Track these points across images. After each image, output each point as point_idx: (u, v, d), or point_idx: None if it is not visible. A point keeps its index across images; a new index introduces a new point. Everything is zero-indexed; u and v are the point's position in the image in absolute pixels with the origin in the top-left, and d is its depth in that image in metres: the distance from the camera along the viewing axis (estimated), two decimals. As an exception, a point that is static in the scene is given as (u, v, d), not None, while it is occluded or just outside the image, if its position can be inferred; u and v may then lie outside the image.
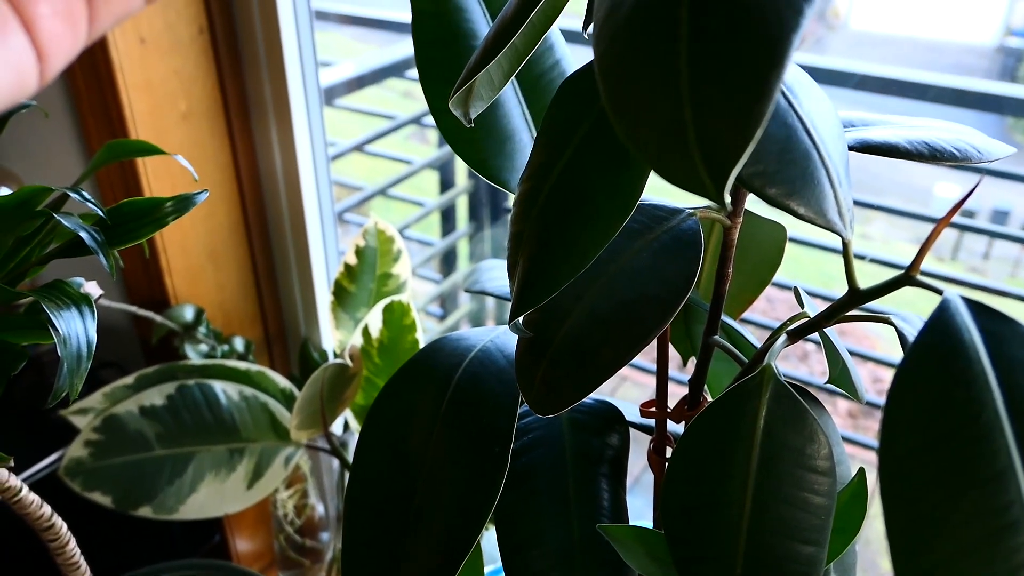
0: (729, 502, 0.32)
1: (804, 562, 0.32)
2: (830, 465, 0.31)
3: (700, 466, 0.32)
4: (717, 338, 0.41)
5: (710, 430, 0.32)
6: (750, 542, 0.32)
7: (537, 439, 0.44)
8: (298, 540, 0.99)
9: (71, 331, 0.33)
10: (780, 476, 0.31)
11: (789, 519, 0.31)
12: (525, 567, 0.41)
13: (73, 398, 0.34)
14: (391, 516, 0.42)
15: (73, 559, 0.51)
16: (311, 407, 0.70)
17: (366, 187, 1.42)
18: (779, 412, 0.31)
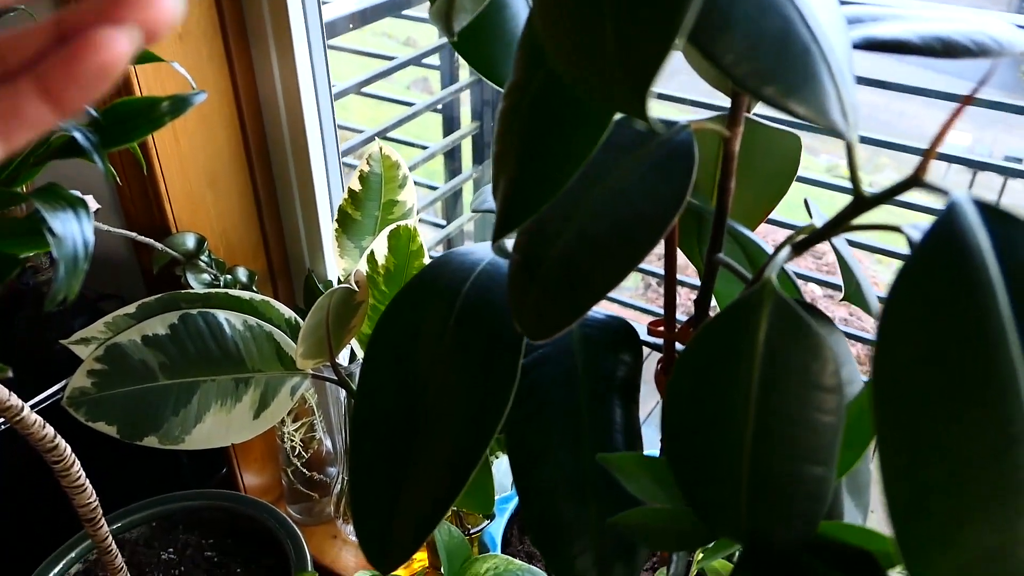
0: (731, 422, 0.33)
1: (812, 483, 0.33)
2: (837, 382, 0.31)
3: (700, 386, 0.33)
4: (721, 256, 0.41)
5: (709, 348, 0.32)
6: (755, 463, 0.33)
7: (547, 355, 0.45)
8: (306, 473, 1.01)
9: (67, 232, 0.34)
10: (784, 395, 0.31)
11: (795, 439, 0.32)
12: (535, 483, 0.42)
13: (71, 299, 0.34)
14: (399, 433, 0.43)
15: (78, 482, 0.53)
16: (316, 335, 0.71)
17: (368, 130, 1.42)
18: (781, 328, 0.31)
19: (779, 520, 0.34)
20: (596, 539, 0.42)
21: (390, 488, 0.43)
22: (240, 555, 0.78)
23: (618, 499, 0.43)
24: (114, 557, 0.60)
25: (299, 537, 0.75)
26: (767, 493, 0.33)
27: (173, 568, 0.77)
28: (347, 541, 1.02)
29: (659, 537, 0.40)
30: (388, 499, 0.43)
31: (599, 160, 0.36)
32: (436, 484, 0.42)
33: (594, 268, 0.33)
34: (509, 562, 0.66)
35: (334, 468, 1.04)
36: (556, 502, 0.42)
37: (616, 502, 0.43)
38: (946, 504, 0.23)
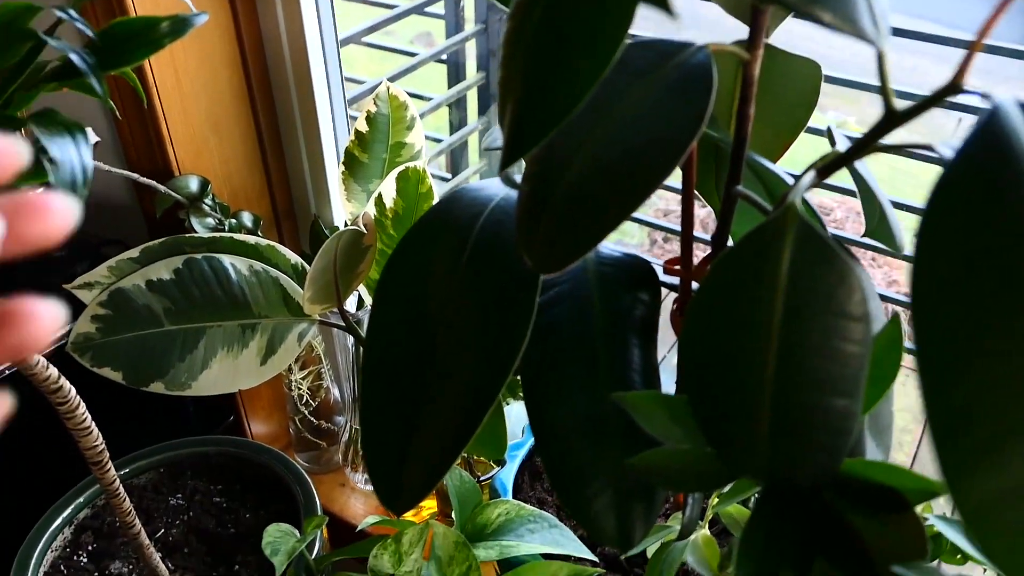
0: (752, 355, 0.32)
1: (836, 416, 0.32)
2: (864, 311, 0.30)
3: (719, 317, 0.32)
4: (740, 188, 0.40)
5: (729, 277, 0.31)
6: (777, 397, 0.32)
7: (563, 293, 0.44)
8: (313, 422, 1.01)
9: (65, 158, 0.33)
10: (808, 324, 0.31)
11: (819, 371, 0.31)
12: (552, 424, 0.42)
13: (71, 229, 0.34)
14: (411, 374, 0.42)
15: (84, 424, 0.53)
16: (324, 279, 0.70)
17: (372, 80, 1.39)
18: (805, 254, 0.30)
19: (802, 456, 0.33)
20: (614, 480, 0.42)
21: (402, 430, 0.42)
22: (249, 501, 0.78)
23: (637, 440, 0.42)
24: (122, 501, 0.60)
25: (308, 483, 0.75)
26: (790, 428, 0.32)
27: (182, 513, 0.77)
28: (355, 489, 1.03)
29: (677, 478, 0.39)
30: (400, 441, 0.42)
31: (611, 85, 0.35)
32: (450, 426, 0.41)
33: (608, 196, 0.32)
34: (520, 507, 0.66)
35: (342, 417, 1.04)
36: (573, 443, 0.42)
37: (635, 443, 0.42)
38: (988, 421, 0.22)
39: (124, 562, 0.73)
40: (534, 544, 0.63)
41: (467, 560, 0.58)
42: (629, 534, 0.42)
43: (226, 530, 0.76)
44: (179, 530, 0.76)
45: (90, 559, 0.73)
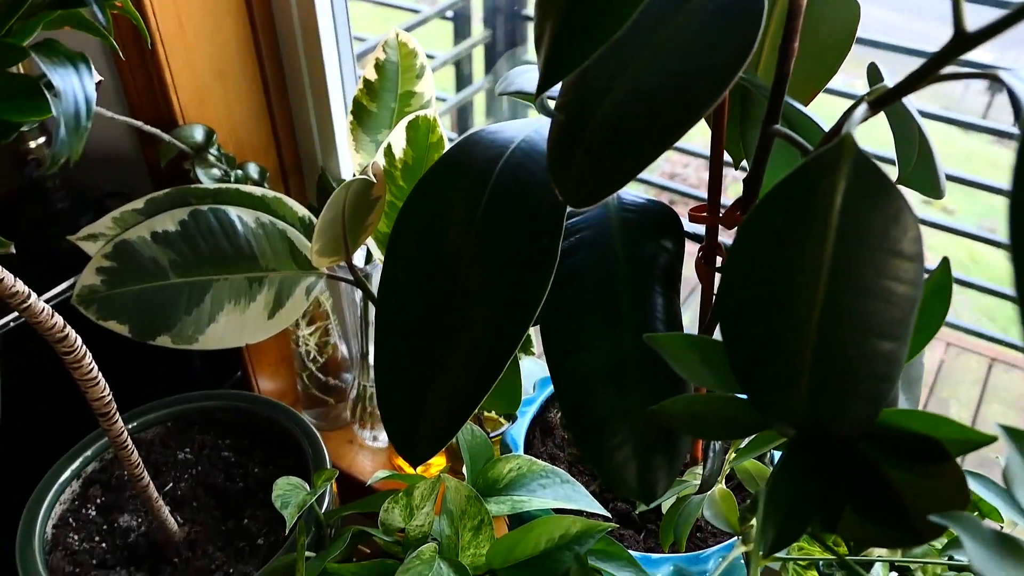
0: (798, 294, 0.30)
1: (882, 360, 0.30)
2: (918, 250, 0.28)
3: (764, 254, 0.30)
4: (779, 127, 0.38)
5: (778, 211, 0.29)
6: (821, 339, 0.30)
7: (585, 240, 0.42)
8: (321, 378, 1.00)
9: (67, 87, 0.31)
10: (859, 261, 0.29)
11: (867, 311, 0.29)
12: (573, 372, 0.40)
13: (74, 160, 0.32)
14: (427, 323, 0.40)
15: (91, 374, 0.51)
16: (332, 231, 0.68)
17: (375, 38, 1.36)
18: (860, 187, 0.28)
19: (842, 403, 0.31)
20: (636, 431, 0.40)
21: (419, 381, 0.40)
22: (257, 455, 0.77)
23: (660, 390, 0.41)
24: (130, 453, 0.59)
25: (316, 437, 0.74)
26: (832, 373, 0.31)
27: (190, 468, 0.76)
28: (363, 446, 1.02)
29: (704, 426, 0.38)
30: (417, 392, 0.40)
31: (654, 9, 0.32)
32: (469, 375, 0.39)
33: (647, 125, 0.30)
34: (532, 463, 0.64)
35: (349, 374, 1.03)
36: (595, 391, 0.40)
37: (658, 392, 0.41)
38: None
39: (133, 515, 0.72)
40: (546, 499, 0.62)
41: (479, 514, 0.57)
42: (651, 486, 0.41)
43: (235, 484, 0.75)
44: (187, 484, 0.75)
45: (99, 512, 0.72)
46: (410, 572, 0.52)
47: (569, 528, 0.55)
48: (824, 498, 0.35)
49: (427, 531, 0.57)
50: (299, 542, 0.54)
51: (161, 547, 0.69)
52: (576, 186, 0.33)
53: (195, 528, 0.71)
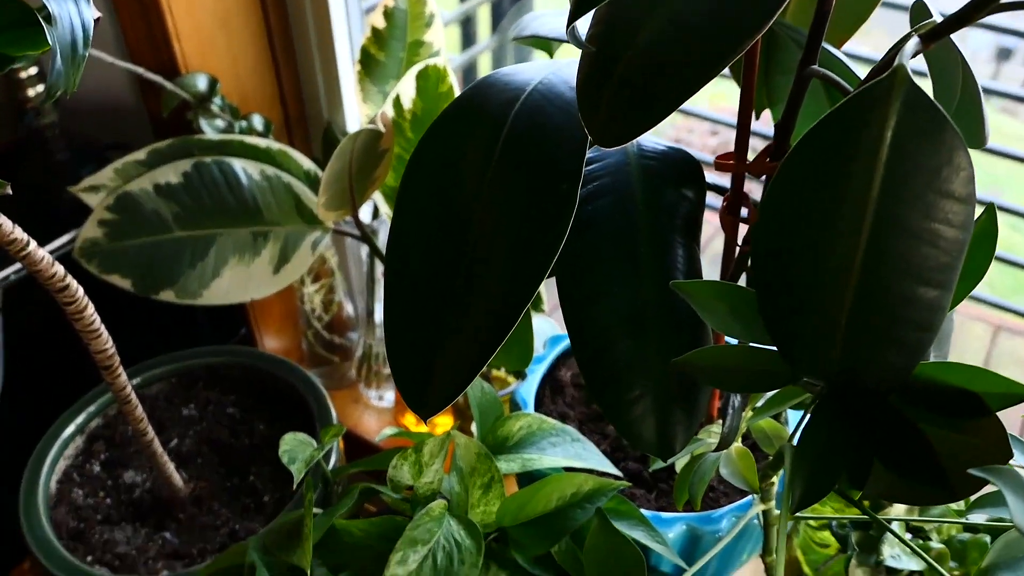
0: (840, 236, 0.28)
1: (924, 308, 0.28)
2: (970, 191, 0.27)
3: (806, 195, 0.28)
4: (817, 68, 0.36)
5: (822, 148, 0.27)
6: (862, 285, 0.28)
7: (604, 187, 0.40)
8: (326, 337, 0.98)
9: (63, 13, 0.29)
10: (907, 202, 0.27)
11: (912, 256, 0.27)
12: (590, 323, 0.38)
13: (70, 91, 0.30)
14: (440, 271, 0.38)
15: (93, 326, 0.49)
16: (339, 183, 0.66)
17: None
18: (912, 122, 0.26)
19: (878, 353, 0.30)
20: (655, 383, 0.38)
21: (430, 330, 0.39)
22: (262, 412, 0.76)
23: (680, 341, 0.39)
24: (134, 407, 0.58)
25: (323, 394, 0.72)
26: (871, 321, 0.29)
27: (194, 424, 0.75)
28: (369, 405, 1.01)
29: (729, 378, 0.36)
30: (428, 342, 0.39)
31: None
32: (482, 325, 0.38)
33: (686, 57, 0.28)
34: (543, 421, 0.63)
35: (355, 333, 1.01)
36: (612, 342, 0.39)
37: (678, 344, 0.39)
38: None
39: (137, 471, 0.71)
40: (556, 458, 0.61)
41: (490, 472, 0.56)
42: (670, 441, 0.39)
43: (240, 441, 0.74)
44: (192, 441, 0.74)
45: (103, 468, 0.71)
46: (419, 529, 0.50)
47: (581, 486, 0.54)
48: (854, 453, 0.34)
49: (436, 488, 0.56)
50: (307, 498, 0.52)
51: (166, 503, 0.68)
52: (607, 124, 0.31)
53: (200, 484, 0.70)
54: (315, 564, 0.53)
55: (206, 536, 0.66)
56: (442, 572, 0.50)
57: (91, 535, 0.65)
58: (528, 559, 0.54)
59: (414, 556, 0.50)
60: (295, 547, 0.52)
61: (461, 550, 0.51)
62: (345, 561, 0.54)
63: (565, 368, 0.75)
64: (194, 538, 0.66)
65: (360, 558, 0.54)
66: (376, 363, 0.97)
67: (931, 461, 0.31)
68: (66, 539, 0.64)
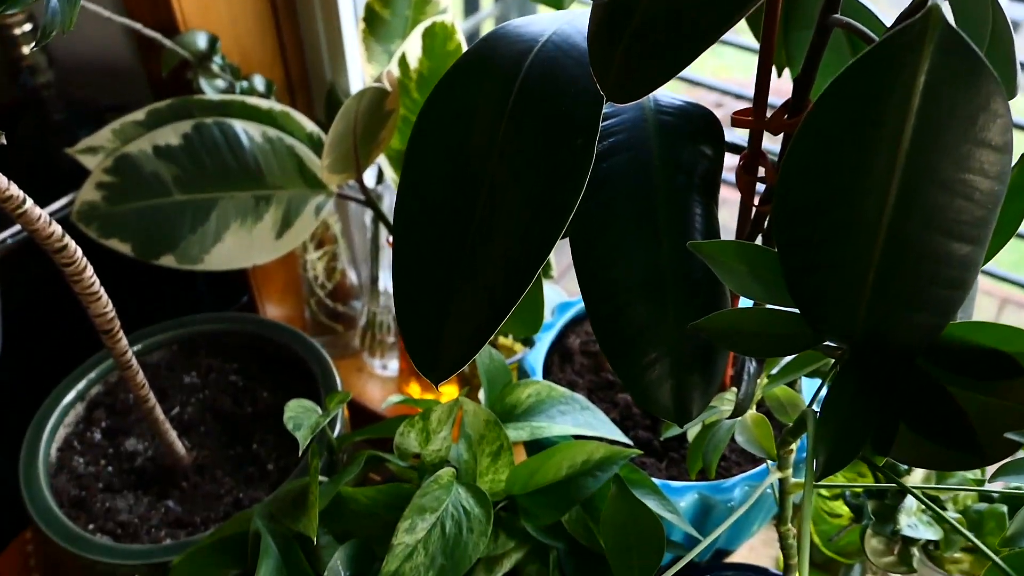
0: (868, 190, 0.27)
1: (956, 265, 0.28)
2: (1007, 140, 0.26)
3: (832, 146, 0.27)
4: (839, 16, 0.35)
5: (850, 96, 0.27)
6: (891, 240, 0.28)
7: (619, 144, 0.40)
8: (329, 305, 0.98)
9: (54, -56, 0.28)
10: (940, 152, 0.26)
11: (945, 209, 0.27)
12: (605, 285, 0.38)
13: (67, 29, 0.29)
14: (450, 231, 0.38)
15: (92, 288, 0.49)
16: (343, 145, 0.65)
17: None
18: (946, 66, 0.25)
19: (907, 313, 0.29)
20: (672, 347, 0.38)
21: (441, 292, 0.38)
22: (266, 380, 0.75)
23: (698, 304, 0.38)
24: (135, 373, 0.57)
25: (327, 361, 0.72)
26: (899, 278, 0.28)
27: (197, 392, 0.74)
28: (372, 375, 1.00)
29: (749, 342, 0.35)
30: (439, 304, 0.38)
31: None
32: (494, 287, 0.37)
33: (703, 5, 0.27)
34: (552, 388, 0.62)
35: (358, 301, 1.01)
36: (628, 304, 0.38)
37: (696, 307, 0.38)
38: None
39: (139, 439, 0.71)
40: (565, 426, 0.60)
41: (498, 439, 0.55)
42: (686, 406, 0.39)
43: (243, 409, 0.73)
44: (194, 408, 0.73)
45: (104, 436, 0.71)
46: (428, 496, 0.50)
47: (592, 454, 0.54)
48: (879, 419, 0.33)
49: (444, 456, 0.56)
50: (312, 465, 0.52)
51: (168, 471, 0.68)
52: (621, 78, 0.30)
53: (203, 453, 0.70)
54: (321, 532, 0.52)
55: (209, 504, 0.66)
56: (450, 540, 0.50)
57: (93, 503, 0.65)
58: (538, 528, 0.53)
59: (422, 524, 0.49)
60: (301, 515, 0.52)
61: (470, 518, 0.51)
62: (351, 529, 0.53)
63: (574, 336, 0.74)
64: (197, 506, 0.66)
65: (367, 526, 0.54)
66: (380, 332, 0.97)
67: (961, 425, 0.31)
68: (67, 507, 0.64)
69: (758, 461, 0.65)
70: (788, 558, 0.52)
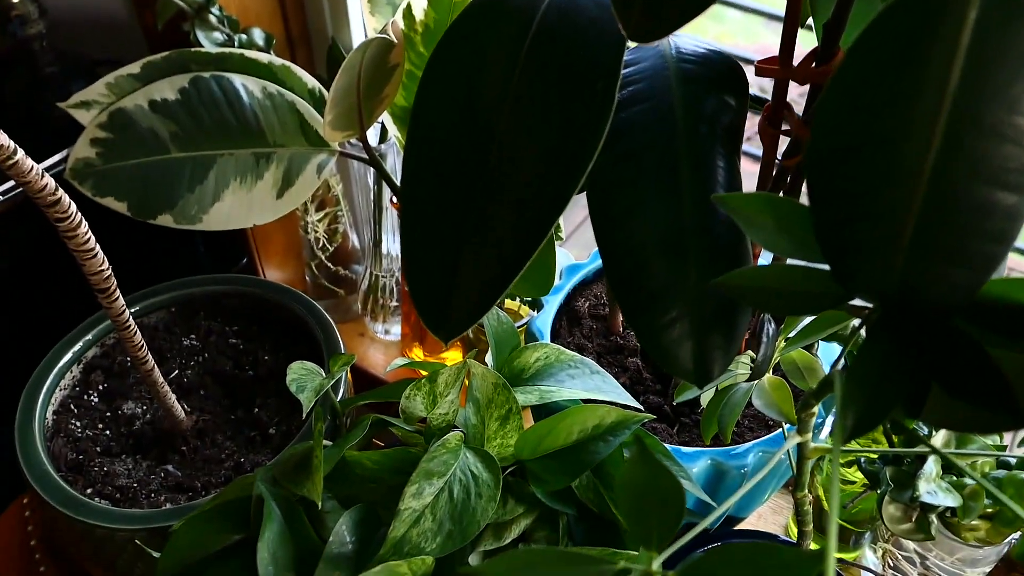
0: (910, 134, 0.26)
1: (1001, 216, 0.26)
2: (1061, 81, 0.24)
3: (872, 87, 0.26)
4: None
5: (892, 34, 0.25)
6: (933, 188, 0.26)
7: (639, 92, 0.38)
8: (331, 268, 0.97)
9: None
10: (989, 94, 0.25)
11: (993, 155, 0.25)
12: (624, 240, 0.36)
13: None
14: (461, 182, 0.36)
15: (87, 245, 0.48)
16: (346, 100, 0.63)
17: None
18: (999, 2, 0.24)
19: (947, 267, 0.28)
20: (693, 305, 0.37)
21: (451, 247, 0.37)
22: (267, 343, 0.74)
23: (720, 260, 0.37)
24: (133, 333, 0.56)
25: (329, 323, 0.71)
26: (940, 230, 0.27)
27: (196, 355, 0.73)
28: (375, 339, 0.99)
29: (775, 300, 0.34)
30: (449, 259, 0.37)
31: None
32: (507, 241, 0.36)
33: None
34: (560, 352, 0.61)
35: (360, 265, 0.99)
36: (648, 261, 0.37)
37: (718, 263, 0.37)
38: None
39: (137, 403, 0.70)
40: (575, 390, 0.59)
41: (507, 403, 0.54)
42: (708, 366, 0.38)
43: (244, 372, 0.72)
44: (194, 372, 0.73)
45: (101, 399, 0.70)
46: (435, 461, 0.49)
47: (604, 418, 0.53)
48: (911, 380, 0.32)
49: (451, 420, 0.55)
50: (316, 428, 0.51)
51: (168, 435, 0.67)
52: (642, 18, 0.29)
53: (203, 417, 0.69)
54: (325, 497, 0.52)
55: (210, 469, 0.65)
56: (458, 505, 0.49)
57: (90, 467, 0.64)
58: (547, 493, 0.53)
59: (429, 489, 0.48)
60: (305, 479, 0.51)
61: (478, 483, 0.50)
62: (356, 493, 0.53)
63: (582, 299, 0.73)
64: (198, 471, 0.65)
65: (372, 491, 0.53)
66: (382, 296, 0.96)
67: (999, 385, 0.30)
68: (64, 471, 0.63)
69: (771, 427, 0.64)
70: (803, 525, 0.51)
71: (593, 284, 0.75)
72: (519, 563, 0.34)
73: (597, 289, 0.75)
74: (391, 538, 0.46)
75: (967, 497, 0.56)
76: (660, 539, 0.34)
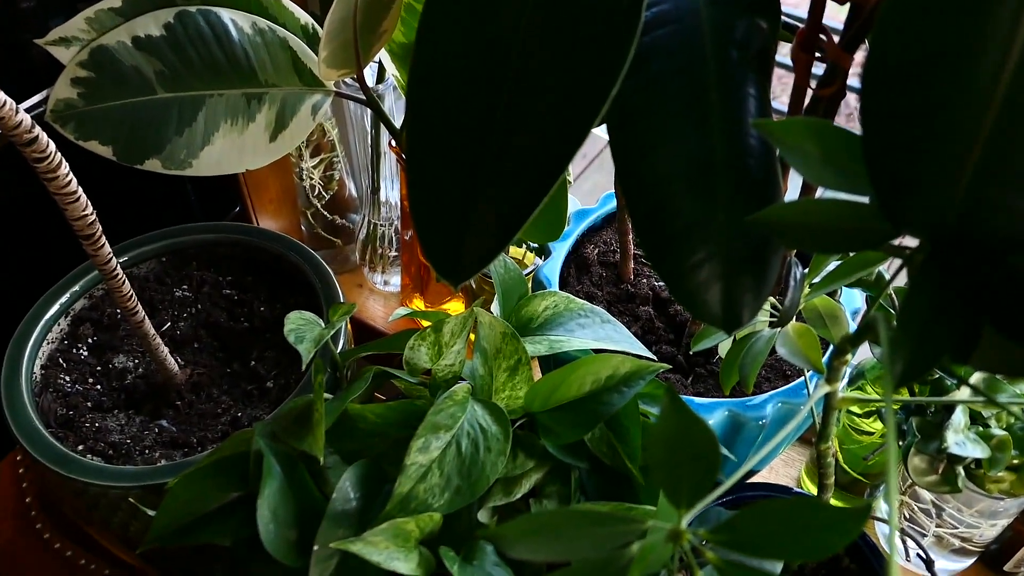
0: (985, 47, 0.23)
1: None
2: None
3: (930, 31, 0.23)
4: None
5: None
6: (1005, 109, 0.24)
7: (664, 14, 0.35)
8: (327, 217, 0.94)
9: None
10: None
11: (1074, 69, 0.23)
12: (648, 174, 0.34)
13: None
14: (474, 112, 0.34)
15: (68, 188, 0.45)
16: (342, 35, 0.60)
17: None
18: None
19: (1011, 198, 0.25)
20: (723, 245, 0.34)
21: (463, 182, 0.34)
22: (262, 293, 0.72)
23: (752, 196, 0.35)
24: (121, 283, 0.53)
25: (327, 272, 0.68)
26: (1009, 156, 0.24)
27: (189, 306, 0.71)
28: (374, 290, 0.97)
29: (817, 238, 0.32)
30: (460, 198, 0.34)
31: None
32: (522, 176, 0.33)
33: None
34: (570, 300, 0.59)
35: (357, 214, 0.97)
36: (674, 197, 0.34)
37: (750, 200, 0.35)
38: None
39: (129, 356, 0.68)
40: (585, 339, 0.57)
41: (516, 353, 0.52)
42: (737, 311, 0.35)
43: (239, 324, 0.70)
44: (187, 324, 0.70)
45: (91, 353, 0.68)
46: (442, 414, 0.47)
47: (618, 368, 0.51)
48: (962, 321, 0.30)
49: (457, 372, 0.52)
50: (316, 380, 0.49)
51: (161, 389, 0.65)
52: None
53: (198, 370, 0.67)
54: (327, 452, 0.50)
55: (206, 424, 0.63)
56: (467, 460, 0.47)
57: (81, 423, 0.62)
58: (559, 447, 0.51)
59: (436, 443, 0.46)
60: (305, 433, 0.49)
61: (487, 437, 0.48)
62: (359, 448, 0.51)
63: (591, 245, 0.71)
64: (193, 426, 0.63)
65: (376, 445, 0.51)
66: (381, 245, 0.93)
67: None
68: (54, 427, 0.61)
69: (789, 377, 0.62)
70: (825, 477, 0.49)
71: (602, 230, 0.73)
72: (539, 524, 0.32)
73: (607, 235, 0.72)
74: (397, 494, 0.45)
75: (994, 448, 0.54)
76: (691, 496, 0.32)
